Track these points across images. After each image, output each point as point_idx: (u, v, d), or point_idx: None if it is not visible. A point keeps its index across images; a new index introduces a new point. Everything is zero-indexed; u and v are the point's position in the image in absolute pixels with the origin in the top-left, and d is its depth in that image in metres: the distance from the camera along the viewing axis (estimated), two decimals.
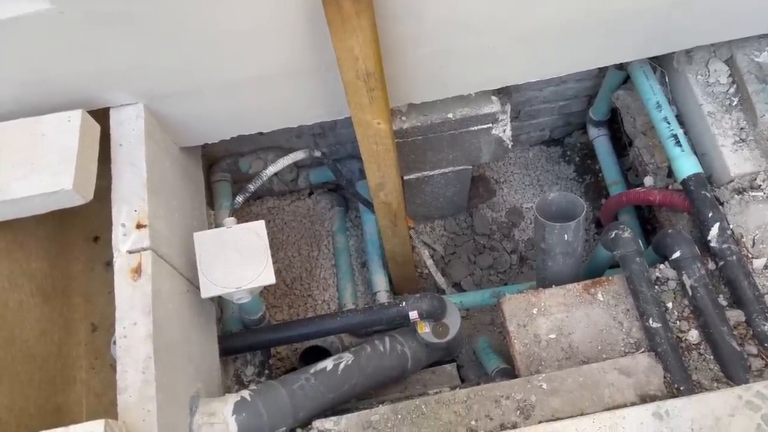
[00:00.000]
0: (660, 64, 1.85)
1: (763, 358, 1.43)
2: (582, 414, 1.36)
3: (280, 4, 1.21)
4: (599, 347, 1.51)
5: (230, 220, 1.48)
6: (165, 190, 1.44)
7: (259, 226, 1.45)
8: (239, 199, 1.70)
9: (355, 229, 2.46)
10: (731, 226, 1.58)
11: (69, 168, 1.22)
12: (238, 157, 2.19)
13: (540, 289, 1.60)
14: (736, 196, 1.62)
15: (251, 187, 1.72)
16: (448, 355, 1.88)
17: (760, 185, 1.61)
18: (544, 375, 1.43)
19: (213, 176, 2.15)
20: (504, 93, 1.76)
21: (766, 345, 1.43)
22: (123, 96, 1.40)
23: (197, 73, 1.37)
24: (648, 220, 2.23)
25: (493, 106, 1.73)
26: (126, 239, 1.28)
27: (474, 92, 1.69)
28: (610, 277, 1.59)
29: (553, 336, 1.53)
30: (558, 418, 1.36)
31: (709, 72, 1.74)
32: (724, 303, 1.52)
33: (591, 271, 1.81)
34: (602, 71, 2.14)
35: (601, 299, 1.56)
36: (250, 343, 1.70)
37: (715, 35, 1.64)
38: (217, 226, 1.92)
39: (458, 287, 2.37)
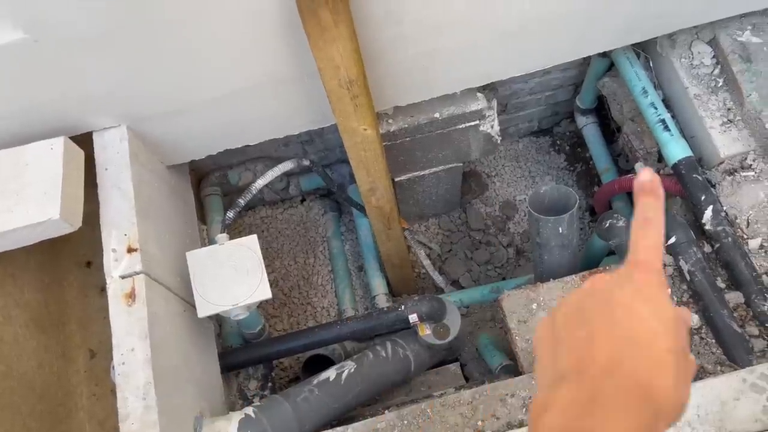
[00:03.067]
0: (643, 49, 1.85)
1: (765, 339, 1.43)
2: None
3: (256, 19, 1.20)
4: None
5: (222, 237, 1.46)
6: (154, 211, 1.42)
7: (251, 241, 1.43)
8: (230, 214, 1.69)
9: (350, 233, 2.45)
10: (725, 208, 1.57)
11: (55, 197, 1.20)
12: (227, 169, 2.18)
13: (538, 284, 1.60)
14: (727, 177, 1.62)
15: (241, 202, 1.71)
16: (450, 355, 1.88)
17: (751, 165, 1.61)
18: None
19: (203, 191, 2.13)
20: (489, 89, 1.75)
21: (767, 325, 1.43)
22: (105, 119, 1.38)
23: (179, 91, 1.35)
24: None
25: (479, 103, 1.72)
26: (118, 264, 1.27)
27: (459, 90, 1.68)
28: (607, 267, 1.59)
29: None
30: None
31: (692, 54, 1.74)
32: (723, 285, 1.52)
33: (588, 261, 1.81)
34: (586, 60, 2.13)
35: None
36: (251, 358, 1.69)
37: (696, 17, 1.64)
38: (210, 241, 1.91)
39: (457, 284, 2.36)
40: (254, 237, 1.44)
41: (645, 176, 0.53)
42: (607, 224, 1.58)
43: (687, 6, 1.56)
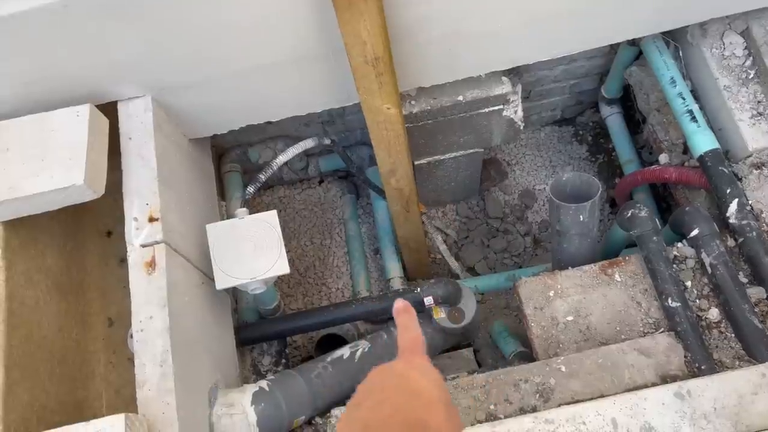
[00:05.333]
0: (673, 38, 1.81)
1: None
2: (602, 396, 1.35)
3: None
4: (617, 328, 1.50)
5: (242, 211, 1.47)
6: (176, 182, 1.43)
7: (271, 216, 1.44)
8: (250, 189, 1.69)
9: (367, 216, 2.45)
10: (750, 202, 1.55)
11: (80, 163, 1.21)
12: (247, 147, 2.18)
13: (556, 271, 1.59)
14: (754, 171, 1.59)
15: (262, 177, 1.71)
16: (464, 340, 1.88)
17: None
18: (562, 357, 1.42)
19: (223, 167, 2.14)
20: (514, 73, 1.74)
21: None
22: (131, 89, 1.39)
23: (204, 63, 1.35)
24: (663, 198, 2.20)
25: (504, 87, 1.71)
26: (139, 233, 1.28)
27: (484, 74, 1.66)
28: (627, 257, 1.57)
29: (570, 318, 1.52)
30: (578, 401, 1.35)
31: (724, 45, 1.70)
32: (745, 280, 1.50)
33: (607, 251, 1.79)
34: (614, 48, 2.10)
35: (619, 280, 1.55)
36: (266, 333, 1.70)
37: (730, 7, 1.60)
38: (229, 216, 1.92)
39: (472, 271, 2.35)
40: (274, 212, 1.44)
41: (398, 305, 0.73)
42: (629, 214, 1.56)
43: None
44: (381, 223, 2.29)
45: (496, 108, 1.77)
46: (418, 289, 1.66)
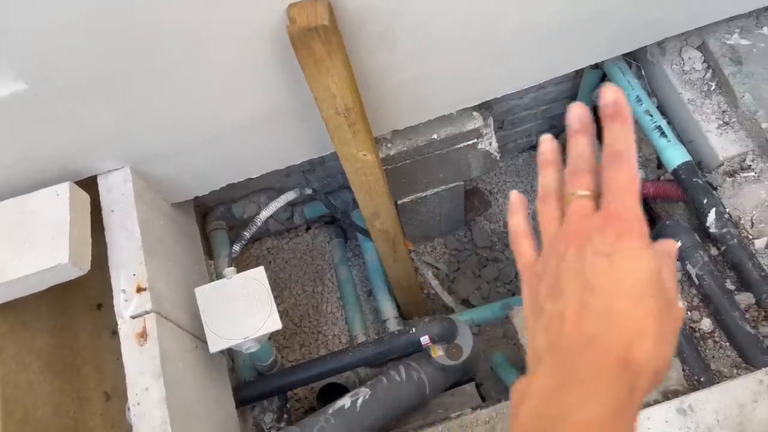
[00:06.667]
0: (635, 58, 1.87)
1: None
2: None
3: (251, 57, 1.22)
4: None
5: (230, 270, 1.47)
6: (161, 249, 1.44)
7: (258, 273, 1.44)
8: (236, 247, 1.70)
9: (357, 258, 2.46)
10: (728, 210, 1.58)
11: (63, 242, 1.22)
12: (231, 203, 2.20)
13: None
14: (728, 179, 1.62)
15: (247, 234, 1.72)
16: (465, 375, 1.86)
17: (750, 165, 1.62)
18: None
19: (208, 226, 2.15)
20: (485, 107, 1.77)
21: None
22: (109, 162, 1.41)
23: (179, 131, 1.38)
24: (646, 212, 2.23)
25: (476, 122, 1.74)
26: (128, 305, 1.28)
27: (455, 111, 1.70)
28: None
29: None
30: None
31: (683, 60, 1.75)
32: (732, 287, 1.51)
33: None
34: (579, 72, 2.15)
35: None
36: (265, 391, 1.69)
37: (684, 24, 1.66)
38: (218, 275, 1.92)
39: (467, 303, 2.36)
40: (261, 269, 1.45)
41: (608, 96, 0.45)
42: None
43: (674, 14, 1.58)
44: (371, 265, 2.30)
45: (470, 142, 1.80)
46: (413, 329, 1.66)
